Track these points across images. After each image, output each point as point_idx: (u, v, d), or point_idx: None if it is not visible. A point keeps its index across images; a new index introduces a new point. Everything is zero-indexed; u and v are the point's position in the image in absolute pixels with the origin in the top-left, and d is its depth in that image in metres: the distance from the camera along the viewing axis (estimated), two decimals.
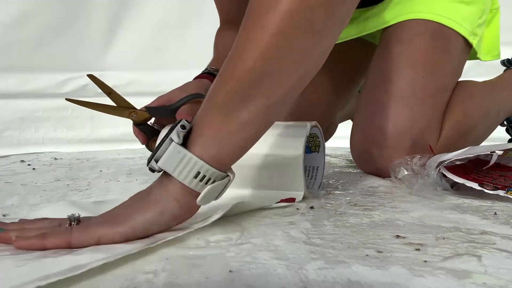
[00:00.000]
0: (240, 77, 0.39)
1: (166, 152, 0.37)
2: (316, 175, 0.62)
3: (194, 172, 0.38)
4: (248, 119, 0.39)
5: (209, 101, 0.40)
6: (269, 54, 0.38)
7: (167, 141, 0.37)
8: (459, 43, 0.74)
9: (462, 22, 0.72)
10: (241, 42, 0.39)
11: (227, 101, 0.39)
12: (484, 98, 0.79)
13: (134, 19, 1.55)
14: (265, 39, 0.38)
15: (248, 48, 0.38)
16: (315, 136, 0.62)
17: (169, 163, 0.37)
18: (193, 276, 0.30)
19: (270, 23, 0.37)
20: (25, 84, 1.45)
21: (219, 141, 0.39)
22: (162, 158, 0.37)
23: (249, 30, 0.39)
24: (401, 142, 0.68)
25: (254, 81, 0.38)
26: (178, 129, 0.38)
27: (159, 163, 0.38)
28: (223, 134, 0.39)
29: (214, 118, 0.39)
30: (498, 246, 0.36)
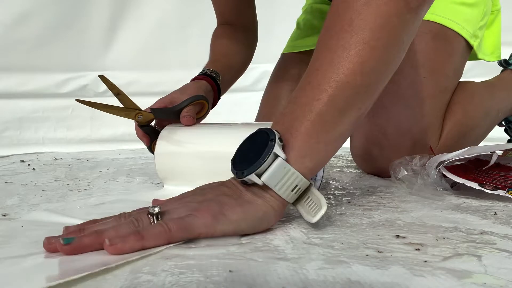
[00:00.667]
0: (337, 90, 0.39)
1: (272, 168, 0.38)
2: (316, 175, 0.62)
3: (293, 186, 0.39)
4: (343, 131, 0.41)
5: (302, 113, 0.40)
6: (368, 68, 0.39)
7: (271, 156, 0.37)
8: (460, 44, 0.74)
9: (464, 24, 0.73)
10: (335, 53, 0.39)
11: (324, 113, 0.39)
12: (483, 98, 0.79)
13: (134, 19, 1.55)
14: (366, 54, 0.39)
15: (347, 61, 0.39)
16: None
17: (273, 178, 0.38)
18: (193, 276, 0.30)
19: (372, 39, 0.39)
20: (25, 84, 1.45)
21: (316, 154, 0.40)
22: (266, 173, 0.38)
23: (347, 43, 0.39)
24: (402, 142, 0.68)
25: (351, 94, 0.40)
26: (278, 143, 0.38)
27: (263, 178, 0.38)
28: (320, 146, 0.40)
29: (311, 130, 0.39)
30: (498, 246, 0.36)
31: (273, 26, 1.48)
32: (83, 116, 1.48)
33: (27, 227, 0.43)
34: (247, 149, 0.41)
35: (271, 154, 0.38)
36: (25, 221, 0.46)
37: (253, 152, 0.39)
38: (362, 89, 0.40)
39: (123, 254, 0.33)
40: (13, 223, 0.45)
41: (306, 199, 0.40)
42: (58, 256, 0.34)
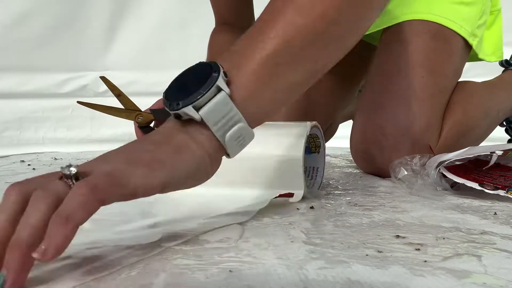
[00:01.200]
0: (295, 32, 0.36)
1: (213, 102, 0.33)
2: (316, 175, 0.62)
3: (237, 135, 0.34)
4: (295, 82, 0.38)
5: (252, 52, 0.35)
6: (330, 16, 0.37)
7: (213, 89, 0.32)
8: (459, 44, 0.74)
9: (462, 23, 0.73)
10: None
11: (277, 55, 0.35)
12: (483, 98, 0.79)
13: (134, 19, 1.55)
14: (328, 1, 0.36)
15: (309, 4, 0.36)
16: (316, 137, 0.62)
17: (213, 114, 0.33)
18: (193, 276, 0.30)
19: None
20: (25, 84, 1.45)
21: (262, 99, 0.36)
22: (206, 107, 0.33)
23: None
24: (401, 142, 0.68)
25: (309, 41, 0.36)
26: (222, 76, 0.33)
27: (202, 111, 0.33)
28: (267, 91, 0.36)
29: (260, 70, 0.35)
30: (498, 246, 0.36)
31: None
32: (83, 116, 1.48)
33: None
34: (185, 80, 0.35)
35: (213, 86, 0.33)
36: None
37: (192, 82, 0.34)
38: (321, 39, 0.37)
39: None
40: None
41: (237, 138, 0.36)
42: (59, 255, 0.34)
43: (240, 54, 0.36)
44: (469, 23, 0.74)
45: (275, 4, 0.38)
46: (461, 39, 0.73)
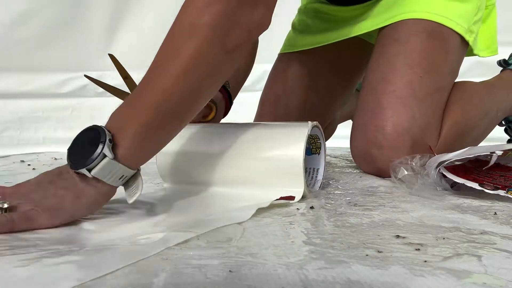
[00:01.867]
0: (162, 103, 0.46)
1: (100, 165, 0.43)
2: (316, 176, 0.62)
3: (119, 175, 0.45)
4: (163, 139, 0.49)
5: (132, 115, 0.46)
6: (183, 92, 0.47)
7: (100, 156, 0.43)
8: (456, 41, 0.74)
9: (458, 20, 0.73)
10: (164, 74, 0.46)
11: (149, 123, 0.45)
12: (482, 98, 0.79)
13: (134, 19, 1.55)
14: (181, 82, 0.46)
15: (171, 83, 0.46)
16: (316, 138, 0.62)
17: (102, 173, 0.44)
18: (193, 276, 0.30)
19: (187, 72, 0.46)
20: (25, 84, 1.45)
21: (141, 152, 0.47)
22: (96, 169, 0.43)
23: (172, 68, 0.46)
24: (401, 142, 0.68)
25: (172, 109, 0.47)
26: (108, 144, 0.43)
27: (92, 172, 0.43)
28: (146, 147, 0.47)
29: (139, 134, 0.45)
30: (498, 246, 0.36)
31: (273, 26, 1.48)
32: (83, 116, 1.47)
33: None
34: (82, 143, 0.46)
35: (100, 154, 0.43)
36: None
37: (86, 147, 0.44)
38: (179, 107, 0.47)
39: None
40: None
41: (132, 185, 0.47)
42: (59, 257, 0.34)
43: (125, 116, 0.46)
44: (465, 20, 0.74)
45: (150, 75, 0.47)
46: (458, 36, 0.73)
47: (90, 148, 0.43)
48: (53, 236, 0.40)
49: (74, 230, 0.42)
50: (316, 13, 0.94)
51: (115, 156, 0.44)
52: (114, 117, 0.47)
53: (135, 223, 0.45)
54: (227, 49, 0.47)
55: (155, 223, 0.45)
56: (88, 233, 0.41)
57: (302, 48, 0.93)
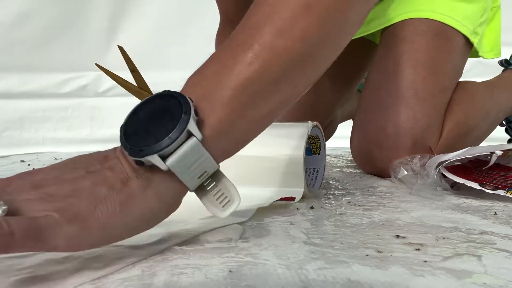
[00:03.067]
0: (273, 56, 0.32)
1: (182, 150, 0.29)
2: (316, 176, 0.62)
3: (202, 171, 0.31)
4: (272, 110, 0.34)
5: (228, 76, 0.32)
6: (311, 35, 0.33)
7: (183, 134, 0.28)
8: (461, 42, 0.73)
9: (463, 21, 0.72)
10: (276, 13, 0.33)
11: (254, 82, 0.32)
12: (484, 98, 0.79)
13: (134, 19, 1.55)
14: (310, 19, 0.33)
15: (288, 23, 0.32)
16: (316, 138, 0.62)
17: (181, 164, 0.29)
18: (193, 276, 0.30)
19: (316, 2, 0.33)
20: (25, 84, 1.46)
21: (237, 133, 0.32)
22: (174, 156, 0.28)
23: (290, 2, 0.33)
24: (402, 142, 0.68)
25: (289, 65, 0.33)
26: (193, 117, 0.29)
27: (169, 162, 0.29)
28: (243, 124, 0.32)
29: (236, 101, 0.31)
30: (498, 246, 0.36)
31: None
32: (83, 116, 1.48)
33: None
34: (149, 117, 0.30)
35: (184, 131, 0.28)
36: None
37: (158, 123, 0.29)
38: (302, 60, 0.34)
39: None
40: None
41: (214, 189, 0.33)
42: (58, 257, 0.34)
43: (211, 80, 0.32)
44: (470, 21, 0.73)
45: (251, 23, 0.34)
46: (463, 37, 0.73)
47: (165, 123, 0.29)
48: None
49: None
50: None
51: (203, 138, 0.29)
52: (195, 81, 0.33)
53: None
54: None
55: None
56: None
57: None
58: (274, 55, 0.32)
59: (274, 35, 0.32)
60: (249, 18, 0.34)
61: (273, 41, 0.32)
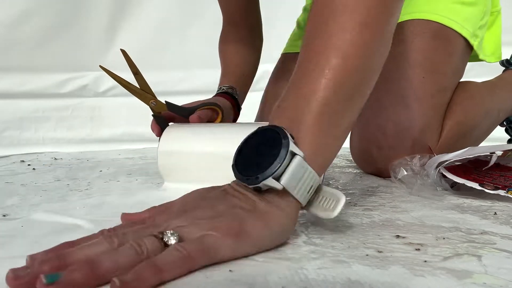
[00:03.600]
0: (345, 75, 0.36)
1: (291, 168, 0.33)
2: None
3: (309, 187, 0.35)
4: (350, 122, 0.39)
5: (308, 102, 0.36)
6: (371, 49, 0.38)
7: (288, 155, 0.33)
8: (460, 44, 0.74)
9: (463, 23, 0.72)
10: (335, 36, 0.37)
11: (333, 103, 0.36)
12: (484, 98, 0.79)
13: (134, 19, 1.55)
14: (367, 36, 0.37)
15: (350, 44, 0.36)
16: None
17: (293, 180, 0.33)
18: (193, 276, 0.30)
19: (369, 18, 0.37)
20: (25, 84, 1.45)
21: (326, 149, 0.37)
22: (286, 174, 0.33)
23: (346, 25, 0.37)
24: (401, 142, 0.68)
25: (358, 79, 0.37)
26: (291, 140, 0.33)
27: (283, 181, 0.33)
28: (330, 140, 0.37)
29: (321, 123, 0.36)
30: (498, 246, 0.36)
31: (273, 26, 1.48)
32: (83, 116, 1.48)
33: (27, 227, 0.43)
34: (251, 151, 0.36)
35: (288, 153, 0.33)
36: (25, 221, 0.46)
37: (261, 153, 0.34)
38: (367, 73, 0.38)
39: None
40: (13, 223, 0.45)
41: (318, 198, 0.37)
42: None
43: (294, 109, 0.36)
44: (470, 24, 0.74)
45: (314, 48, 0.38)
46: (463, 39, 0.73)
47: (269, 152, 0.33)
48: (53, 237, 0.40)
49: (74, 230, 0.42)
50: None
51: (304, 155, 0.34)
52: (278, 112, 0.37)
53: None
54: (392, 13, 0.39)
55: None
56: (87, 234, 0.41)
57: None
58: (344, 75, 0.36)
59: (339, 57, 0.36)
60: (312, 41, 0.38)
61: (340, 62, 0.36)
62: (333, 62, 0.36)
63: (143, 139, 1.37)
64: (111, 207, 0.52)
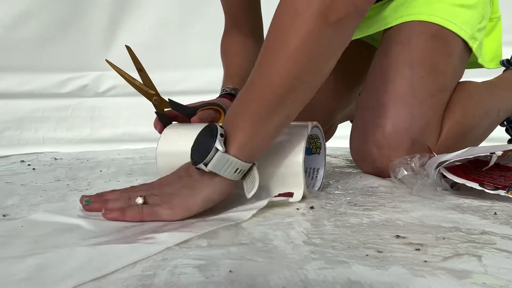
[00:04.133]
0: (271, 96, 0.48)
1: (214, 159, 0.46)
2: (316, 176, 0.62)
3: (234, 169, 0.47)
4: (275, 127, 0.50)
5: (242, 111, 0.49)
6: (293, 75, 0.47)
7: (213, 150, 0.46)
8: (459, 45, 0.74)
9: (462, 25, 0.73)
10: (271, 64, 0.48)
11: (259, 113, 0.48)
12: (483, 98, 0.79)
13: (134, 19, 1.55)
14: (291, 66, 0.47)
15: (277, 70, 0.47)
16: (316, 138, 0.62)
17: (217, 166, 0.46)
18: (193, 276, 0.30)
19: (295, 52, 0.46)
20: (25, 84, 1.46)
21: (252, 144, 0.48)
22: (211, 163, 0.46)
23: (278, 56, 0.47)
24: (401, 142, 0.68)
25: (282, 98, 0.48)
26: (219, 138, 0.46)
27: (208, 166, 0.46)
28: (256, 139, 0.49)
29: (248, 127, 0.48)
30: (498, 246, 0.36)
31: None
32: (83, 116, 1.48)
33: (27, 227, 0.43)
34: (200, 141, 0.49)
35: (213, 148, 0.46)
36: (25, 221, 0.46)
37: (202, 144, 0.47)
38: (295, 90, 0.48)
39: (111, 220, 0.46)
40: (13, 223, 0.45)
41: (248, 177, 0.49)
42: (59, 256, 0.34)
43: (234, 113, 0.50)
44: (469, 26, 0.74)
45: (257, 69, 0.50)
46: (461, 41, 0.73)
47: (205, 144, 0.47)
48: (53, 237, 0.40)
49: (74, 230, 0.42)
50: None
51: (226, 150, 0.47)
52: (228, 114, 0.50)
53: (135, 223, 0.45)
54: (330, 22, 0.46)
55: (155, 223, 0.45)
56: (87, 234, 0.41)
57: None
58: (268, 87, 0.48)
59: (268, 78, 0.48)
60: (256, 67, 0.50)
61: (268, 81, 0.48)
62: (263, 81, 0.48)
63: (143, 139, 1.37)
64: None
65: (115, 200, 0.49)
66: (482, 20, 0.77)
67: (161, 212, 0.47)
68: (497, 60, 0.84)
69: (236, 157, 0.47)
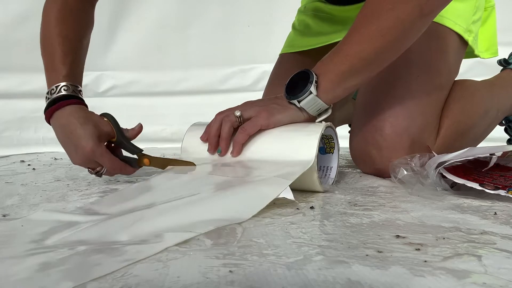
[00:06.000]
0: (357, 61, 0.58)
1: (307, 99, 0.59)
2: (329, 174, 0.65)
3: (318, 108, 0.61)
4: (355, 85, 0.61)
5: (332, 69, 0.60)
6: (380, 51, 0.58)
7: (308, 92, 0.59)
8: (454, 40, 0.74)
9: (456, 20, 0.73)
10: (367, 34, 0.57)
11: (345, 73, 0.59)
12: (482, 97, 0.79)
13: (134, 19, 1.55)
14: (382, 43, 0.57)
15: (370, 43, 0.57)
16: (330, 138, 0.64)
17: (307, 104, 0.60)
18: (193, 276, 0.30)
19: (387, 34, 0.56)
20: (25, 84, 1.45)
21: (335, 93, 0.60)
22: (304, 101, 0.60)
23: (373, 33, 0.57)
24: (400, 142, 0.68)
25: (365, 66, 0.59)
26: (314, 84, 0.59)
27: (301, 103, 0.60)
28: (339, 90, 0.60)
29: (333, 80, 0.59)
30: (498, 246, 0.36)
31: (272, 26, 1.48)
32: None
33: (27, 227, 0.43)
34: (295, 82, 0.61)
35: (308, 91, 0.59)
36: (25, 221, 0.46)
37: (298, 85, 0.60)
38: (373, 64, 0.59)
39: None
40: (13, 223, 0.45)
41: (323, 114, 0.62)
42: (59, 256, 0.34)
43: (327, 66, 0.60)
44: (463, 19, 0.74)
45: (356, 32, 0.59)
46: (456, 35, 0.73)
47: (301, 85, 0.59)
48: (53, 236, 0.40)
49: (74, 230, 0.42)
50: (316, 12, 0.94)
51: (317, 93, 0.59)
52: (320, 64, 0.61)
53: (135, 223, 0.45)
54: (423, 13, 0.55)
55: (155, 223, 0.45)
56: (87, 234, 0.41)
57: (302, 49, 0.93)
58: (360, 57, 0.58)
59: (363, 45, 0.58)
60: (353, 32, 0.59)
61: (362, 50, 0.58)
62: (359, 48, 0.58)
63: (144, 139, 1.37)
64: (111, 206, 0.52)
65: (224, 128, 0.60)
66: (477, 11, 0.77)
67: (258, 121, 0.59)
68: (493, 49, 0.83)
69: (322, 100, 0.59)
